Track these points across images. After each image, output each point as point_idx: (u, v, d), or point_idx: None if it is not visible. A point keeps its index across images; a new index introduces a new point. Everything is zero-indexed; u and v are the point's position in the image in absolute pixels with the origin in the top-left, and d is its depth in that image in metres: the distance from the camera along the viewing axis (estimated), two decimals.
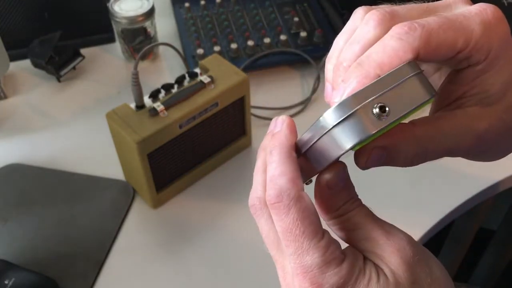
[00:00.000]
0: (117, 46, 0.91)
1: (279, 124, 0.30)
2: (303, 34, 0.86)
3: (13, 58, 0.84)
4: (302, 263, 0.27)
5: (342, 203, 0.29)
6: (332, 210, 0.29)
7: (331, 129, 0.26)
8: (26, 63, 0.86)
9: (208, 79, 0.65)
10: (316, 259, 0.27)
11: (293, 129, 0.30)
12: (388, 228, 0.29)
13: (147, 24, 0.85)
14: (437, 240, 0.77)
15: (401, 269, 0.27)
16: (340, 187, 0.29)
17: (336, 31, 0.89)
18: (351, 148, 0.27)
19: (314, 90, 0.82)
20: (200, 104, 0.63)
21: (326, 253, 0.27)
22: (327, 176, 0.29)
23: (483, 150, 0.32)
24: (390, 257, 0.27)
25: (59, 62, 0.84)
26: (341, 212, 0.29)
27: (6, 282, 0.57)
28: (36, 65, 0.85)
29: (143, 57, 0.86)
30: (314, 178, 0.30)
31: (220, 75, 0.66)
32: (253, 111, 0.75)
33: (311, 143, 0.28)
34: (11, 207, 0.68)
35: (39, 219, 0.67)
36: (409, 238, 0.28)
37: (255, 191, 0.30)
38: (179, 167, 0.68)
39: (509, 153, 0.35)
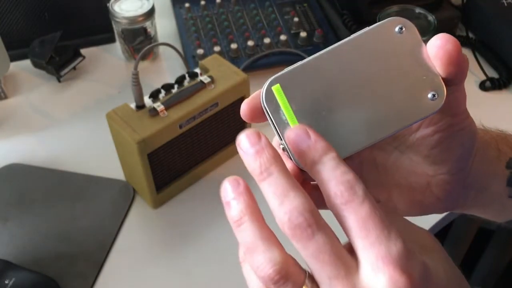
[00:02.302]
0: (117, 46, 0.91)
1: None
2: (303, 34, 0.86)
3: (13, 58, 0.84)
4: (388, 252, 0.25)
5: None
6: None
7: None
8: (26, 63, 0.86)
9: (208, 79, 0.65)
10: (400, 246, 0.25)
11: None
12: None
13: (147, 24, 0.85)
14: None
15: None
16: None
17: (336, 31, 0.89)
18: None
19: None
20: (200, 104, 0.63)
21: (404, 242, 0.26)
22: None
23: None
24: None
25: (59, 62, 0.84)
26: None
27: (6, 282, 0.57)
28: (36, 65, 0.85)
29: (143, 57, 0.86)
30: None
31: (220, 75, 0.66)
32: None
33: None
34: (11, 207, 0.68)
35: (39, 219, 0.67)
36: None
37: (296, 209, 0.26)
38: (179, 167, 0.68)
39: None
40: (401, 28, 0.29)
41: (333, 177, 0.26)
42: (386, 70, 0.29)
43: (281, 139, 0.30)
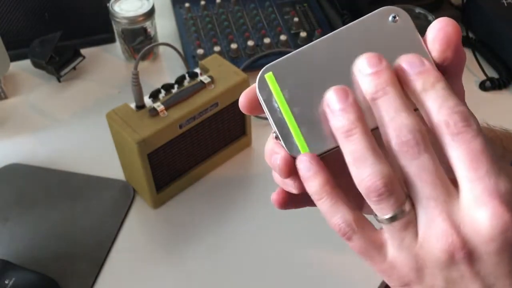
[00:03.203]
0: (117, 46, 0.91)
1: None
2: (303, 34, 0.86)
3: (13, 58, 0.84)
4: (496, 187, 0.25)
5: None
6: None
7: None
8: (26, 63, 0.86)
9: (208, 79, 0.65)
10: (508, 184, 0.25)
11: None
12: None
13: (147, 24, 0.85)
14: None
15: None
16: None
17: None
18: None
19: None
20: (200, 104, 0.63)
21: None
22: None
23: None
24: None
25: (59, 62, 0.84)
26: None
27: (6, 282, 0.57)
28: (36, 65, 0.85)
29: (143, 57, 0.86)
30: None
31: (220, 75, 0.66)
32: None
33: None
34: (11, 207, 0.68)
35: (39, 219, 0.67)
36: None
37: (406, 127, 0.26)
38: (179, 167, 0.68)
39: None
40: (394, 17, 0.29)
41: (446, 106, 0.26)
42: None
43: (275, 127, 0.30)
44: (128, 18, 0.82)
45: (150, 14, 0.84)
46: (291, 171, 0.30)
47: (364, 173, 0.26)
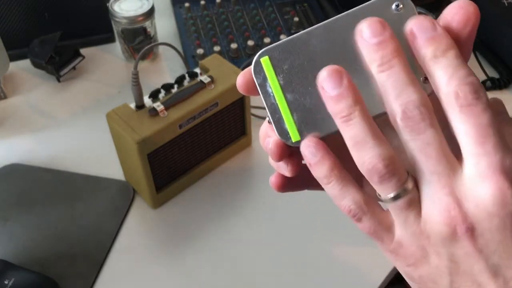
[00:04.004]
0: (117, 46, 0.91)
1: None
2: None
3: (13, 58, 0.84)
4: (502, 162, 0.24)
5: None
6: None
7: None
8: (26, 63, 0.86)
9: (208, 79, 0.65)
10: None
11: None
12: None
13: (147, 24, 0.85)
14: None
15: None
16: None
17: None
18: None
19: None
20: (200, 104, 0.63)
21: None
22: None
23: None
24: None
25: (59, 62, 0.84)
26: None
27: (6, 282, 0.57)
28: (36, 65, 0.85)
29: (143, 57, 0.86)
30: None
31: (220, 75, 0.66)
32: (253, 111, 0.75)
33: None
34: (11, 207, 0.68)
35: (39, 219, 0.67)
36: None
37: (412, 102, 0.26)
38: (179, 167, 0.68)
39: None
40: (397, 6, 0.28)
41: (457, 76, 0.25)
42: None
43: (268, 111, 0.29)
44: (128, 18, 0.82)
45: (150, 14, 0.84)
46: (283, 154, 0.30)
47: (365, 156, 0.26)
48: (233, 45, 0.85)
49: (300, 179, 0.32)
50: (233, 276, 0.62)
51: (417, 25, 0.26)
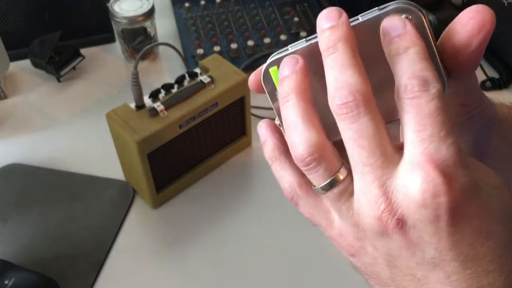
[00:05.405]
0: (117, 46, 0.91)
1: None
2: (303, 34, 0.86)
3: (13, 58, 0.83)
4: (436, 151, 0.23)
5: None
6: None
7: None
8: (26, 63, 0.86)
9: (208, 79, 0.65)
10: (452, 152, 0.23)
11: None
12: None
13: (147, 24, 0.85)
14: None
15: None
16: None
17: None
18: None
19: None
20: (200, 104, 0.63)
21: (461, 152, 0.24)
22: None
23: None
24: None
25: (59, 62, 0.84)
26: None
27: (6, 282, 0.57)
28: (36, 65, 0.85)
29: (143, 57, 0.86)
30: None
31: (220, 75, 0.66)
32: (253, 111, 0.75)
33: None
34: (11, 207, 0.68)
35: (39, 219, 0.67)
36: None
37: (348, 87, 0.24)
38: (179, 167, 0.68)
39: None
40: (406, 18, 0.28)
41: (410, 71, 0.24)
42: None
43: (278, 118, 0.30)
44: (128, 18, 0.82)
45: (150, 14, 0.84)
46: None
47: (293, 141, 0.26)
48: (233, 45, 0.85)
49: None
50: (233, 276, 0.62)
51: (388, 25, 0.26)
